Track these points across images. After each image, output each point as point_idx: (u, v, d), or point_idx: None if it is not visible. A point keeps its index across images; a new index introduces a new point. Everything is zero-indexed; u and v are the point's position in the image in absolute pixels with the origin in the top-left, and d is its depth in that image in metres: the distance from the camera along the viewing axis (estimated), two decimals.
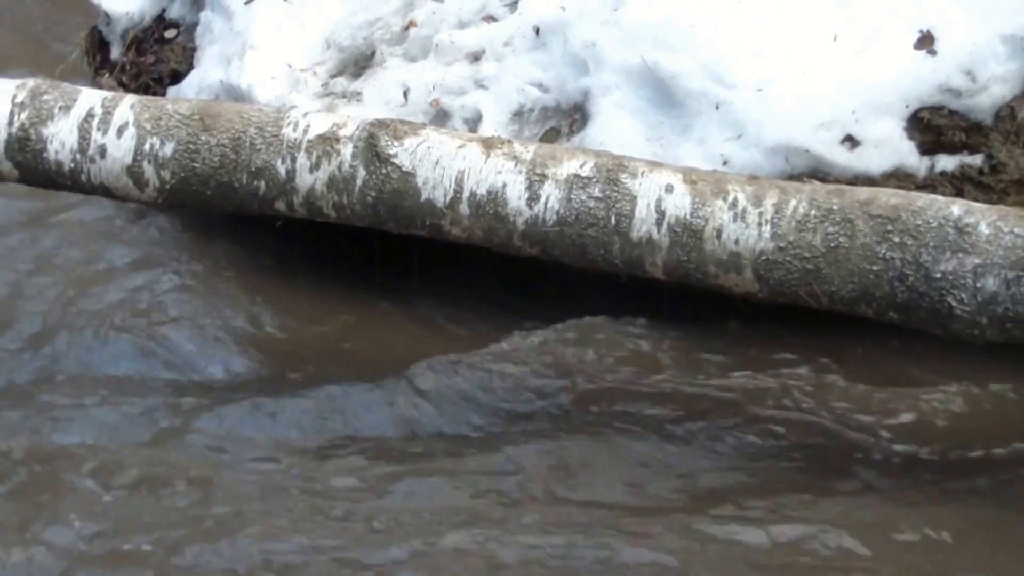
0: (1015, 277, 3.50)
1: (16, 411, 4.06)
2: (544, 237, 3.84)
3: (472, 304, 4.44)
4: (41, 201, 4.97)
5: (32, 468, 3.68)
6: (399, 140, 3.93)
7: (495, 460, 3.78)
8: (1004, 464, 3.80)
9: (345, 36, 4.97)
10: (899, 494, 3.67)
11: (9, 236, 4.97)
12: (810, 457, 3.82)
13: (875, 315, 3.66)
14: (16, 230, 4.99)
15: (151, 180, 4.06)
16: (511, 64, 4.63)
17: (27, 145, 4.09)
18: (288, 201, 4.00)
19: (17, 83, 4.17)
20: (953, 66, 4.26)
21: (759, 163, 4.24)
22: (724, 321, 4.27)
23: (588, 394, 4.07)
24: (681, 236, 3.73)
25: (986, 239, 3.53)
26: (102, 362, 4.35)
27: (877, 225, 3.60)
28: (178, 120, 4.05)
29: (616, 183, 3.79)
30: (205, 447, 3.89)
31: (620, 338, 4.23)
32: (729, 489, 3.68)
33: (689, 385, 4.09)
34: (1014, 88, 4.25)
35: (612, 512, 3.57)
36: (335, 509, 3.52)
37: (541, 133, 4.52)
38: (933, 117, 4.27)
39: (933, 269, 3.55)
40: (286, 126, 4.00)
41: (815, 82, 4.30)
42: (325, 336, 4.44)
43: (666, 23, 4.45)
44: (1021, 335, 3.55)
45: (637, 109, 4.43)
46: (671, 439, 3.87)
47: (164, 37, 5.45)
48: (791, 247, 3.66)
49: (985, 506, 3.65)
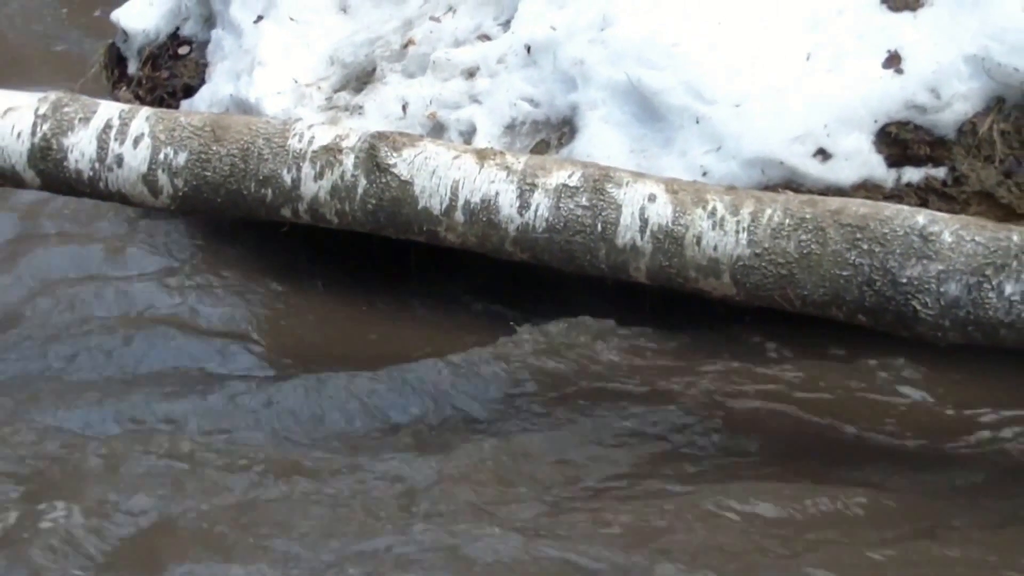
0: (976, 282, 3.50)
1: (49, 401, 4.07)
2: (534, 243, 3.83)
3: (467, 305, 4.44)
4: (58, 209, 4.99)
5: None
6: (398, 151, 3.92)
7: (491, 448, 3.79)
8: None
9: (348, 53, 4.97)
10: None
11: (40, 248, 4.97)
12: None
13: (845, 318, 3.65)
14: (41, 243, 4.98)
15: (165, 188, 4.05)
16: (504, 80, 4.63)
17: (49, 154, 4.08)
18: (293, 208, 3.99)
19: (40, 96, 4.16)
20: (919, 84, 4.26)
21: (737, 174, 4.23)
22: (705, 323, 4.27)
23: (574, 390, 4.06)
24: (663, 243, 3.73)
25: (949, 247, 3.53)
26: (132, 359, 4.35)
27: (847, 233, 3.60)
28: (191, 131, 4.04)
29: (602, 192, 3.78)
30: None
31: (604, 337, 4.23)
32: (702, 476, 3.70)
33: (664, 382, 4.10)
34: (976, 105, 4.24)
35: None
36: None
37: (532, 145, 4.52)
38: (900, 132, 4.27)
39: (899, 275, 3.55)
40: (292, 137, 3.99)
41: (789, 98, 4.29)
42: (328, 335, 4.43)
43: (650, 43, 4.45)
44: (981, 337, 3.55)
45: (622, 123, 4.42)
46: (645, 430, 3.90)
47: (178, 53, 5.45)
48: (766, 253, 3.65)
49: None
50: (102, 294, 4.62)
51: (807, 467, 3.73)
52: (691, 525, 3.42)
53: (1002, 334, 3.52)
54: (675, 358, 4.20)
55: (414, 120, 4.67)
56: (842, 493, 3.54)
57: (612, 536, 3.37)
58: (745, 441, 3.86)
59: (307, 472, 3.64)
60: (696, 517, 3.44)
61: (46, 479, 3.62)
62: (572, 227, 3.78)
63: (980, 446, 3.87)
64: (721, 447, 3.83)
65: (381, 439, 3.88)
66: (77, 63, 6.11)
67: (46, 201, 5.00)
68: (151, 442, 3.75)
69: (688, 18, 4.47)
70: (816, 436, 3.89)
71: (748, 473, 3.71)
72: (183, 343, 4.36)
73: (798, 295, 3.66)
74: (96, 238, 4.96)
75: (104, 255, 4.88)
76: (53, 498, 3.46)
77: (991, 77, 4.22)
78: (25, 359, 4.35)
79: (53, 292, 4.67)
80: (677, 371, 4.14)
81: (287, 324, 4.52)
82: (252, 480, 3.61)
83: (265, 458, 3.69)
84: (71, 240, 4.97)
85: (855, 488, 3.58)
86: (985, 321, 3.51)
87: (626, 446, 3.82)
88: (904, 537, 3.42)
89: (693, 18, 4.47)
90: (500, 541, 3.33)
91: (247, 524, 3.40)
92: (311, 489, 3.56)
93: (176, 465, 3.65)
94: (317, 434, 3.92)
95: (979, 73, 4.23)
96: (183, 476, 3.61)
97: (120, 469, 3.62)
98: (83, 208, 4.94)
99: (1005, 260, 3.49)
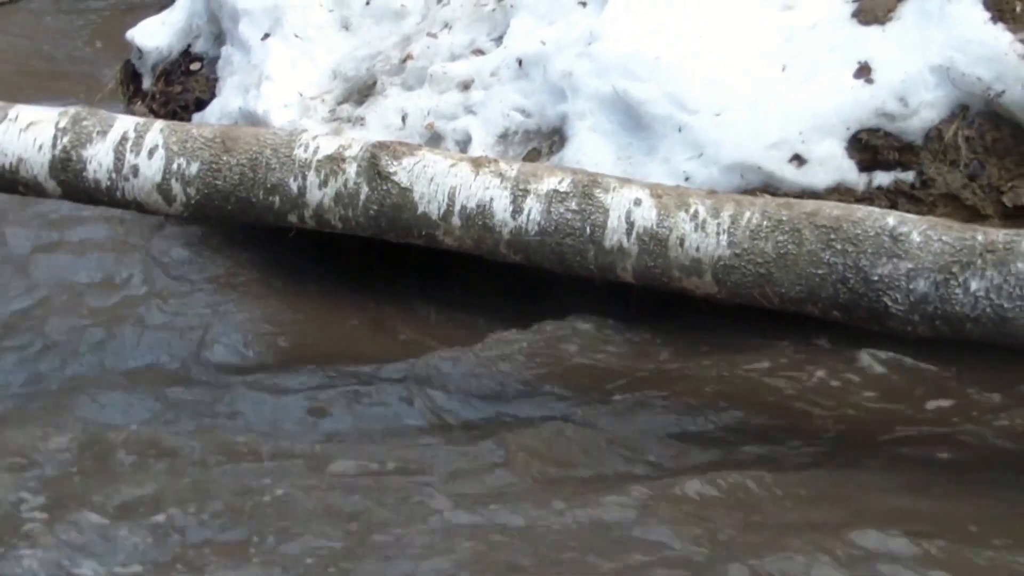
0: (943, 279, 3.49)
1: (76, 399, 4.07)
2: (527, 246, 3.82)
3: (463, 306, 4.43)
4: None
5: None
6: (398, 160, 3.91)
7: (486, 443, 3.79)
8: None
9: (350, 68, 4.96)
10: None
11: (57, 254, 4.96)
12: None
13: (820, 314, 3.65)
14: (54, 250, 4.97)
15: (178, 196, 4.04)
16: (497, 92, 4.63)
17: (69, 165, 4.07)
18: (299, 214, 3.98)
19: (60, 110, 4.14)
20: (888, 93, 4.26)
21: (717, 179, 4.23)
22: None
23: (564, 383, 4.06)
24: (648, 244, 3.72)
25: (918, 246, 3.52)
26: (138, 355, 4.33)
27: (821, 234, 3.59)
28: (202, 143, 4.03)
29: (591, 197, 3.77)
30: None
31: (590, 334, 4.22)
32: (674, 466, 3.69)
33: (641, 371, 4.12)
34: (941, 113, 4.24)
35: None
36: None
37: (524, 153, 4.51)
38: (870, 138, 4.26)
39: (871, 273, 3.54)
40: (298, 148, 3.98)
41: (766, 107, 4.29)
42: (332, 334, 4.42)
43: (634, 56, 4.45)
44: (948, 331, 3.54)
45: (609, 132, 4.42)
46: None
47: (190, 69, 5.44)
48: (746, 254, 3.64)
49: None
50: (117, 297, 4.61)
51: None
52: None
53: (968, 328, 3.52)
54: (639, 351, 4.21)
55: (413, 130, 4.67)
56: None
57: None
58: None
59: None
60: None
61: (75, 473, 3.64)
62: (562, 230, 3.77)
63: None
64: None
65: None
66: (95, 79, 6.10)
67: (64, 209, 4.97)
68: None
69: (670, 33, 4.47)
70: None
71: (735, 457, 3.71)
72: (199, 342, 4.34)
73: (776, 293, 3.65)
74: (112, 245, 4.94)
75: (122, 260, 4.86)
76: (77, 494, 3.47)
77: (955, 86, 4.22)
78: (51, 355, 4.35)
79: (69, 294, 4.66)
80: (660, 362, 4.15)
81: (296, 324, 4.50)
82: (287, 470, 3.62)
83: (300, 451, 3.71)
84: (88, 246, 4.95)
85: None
86: (952, 316, 3.50)
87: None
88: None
89: (675, 33, 4.47)
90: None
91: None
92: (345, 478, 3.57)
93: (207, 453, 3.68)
94: (325, 427, 3.93)
95: (944, 82, 4.23)
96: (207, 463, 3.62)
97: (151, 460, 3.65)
98: (102, 216, 4.91)
99: (970, 258, 3.48)
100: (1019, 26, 4.22)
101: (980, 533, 3.32)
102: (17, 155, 4.09)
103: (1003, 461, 3.71)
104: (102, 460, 3.68)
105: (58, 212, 5.04)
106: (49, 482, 3.53)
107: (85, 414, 3.98)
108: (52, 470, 3.60)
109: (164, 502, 3.40)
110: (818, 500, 3.46)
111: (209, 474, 3.59)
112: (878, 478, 3.59)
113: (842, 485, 3.55)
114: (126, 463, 3.63)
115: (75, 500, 3.41)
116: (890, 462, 3.69)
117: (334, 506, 3.39)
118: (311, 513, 3.37)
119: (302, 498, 3.42)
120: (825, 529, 3.27)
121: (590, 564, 3.17)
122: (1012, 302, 3.45)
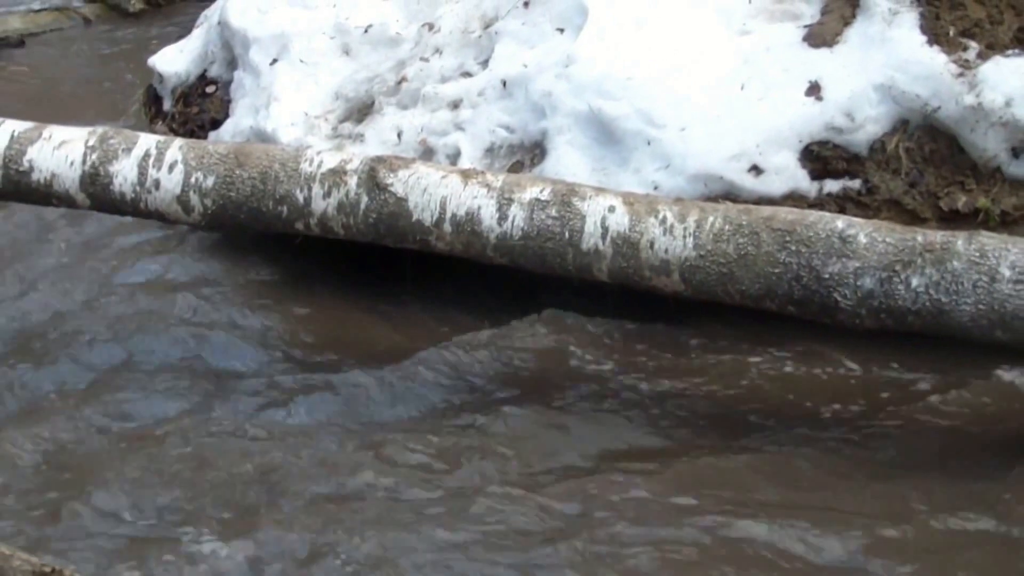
0: (887, 277, 3.49)
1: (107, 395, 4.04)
2: (512, 249, 3.81)
3: (455, 304, 4.41)
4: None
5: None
6: (394, 172, 3.90)
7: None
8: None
9: (350, 90, 4.95)
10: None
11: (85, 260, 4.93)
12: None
13: (777, 309, 3.64)
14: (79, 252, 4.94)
15: (196, 207, 4.02)
16: (483, 110, 4.61)
17: (97, 179, 4.06)
18: (305, 222, 3.97)
19: (89, 130, 4.15)
20: (836, 109, 4.25)
21: (683, 188, 4.22)
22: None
23: (547, 376, 4.05)
24: (622, 247, 3.71)
25: (864, 247, 3.52)
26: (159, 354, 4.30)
27: (778, 237, 3.59)
28: (217, 158, 4.01)
29: (569, 205, 3.76)
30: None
31: (569, 328, 4.21)
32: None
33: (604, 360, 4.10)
34: (884, 126, 4.24)
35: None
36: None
37: (508, 165, 4.50)
38: (821, 150, 4.25)
39: (822, 271, 3.54)
40: (303, 162, 3.97)
41: (727, 123, 4.28)
42: (337, 333, 4.39)
43: (607, 77, 4.44)
44: (893, 324, 3.55)
45: (585, 146, 4.41)
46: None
47: (206, 92, 5.42)
48: (710, 255, 3.64)
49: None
50: (143, 298, 4.58)
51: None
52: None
53: (909, 320, 3.52)
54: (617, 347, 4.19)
55: (407, 145, 4.65)
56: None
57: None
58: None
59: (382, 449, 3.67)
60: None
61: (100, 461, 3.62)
62: (544, 235, 3.76)
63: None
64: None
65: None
66: (121, 102, 6.08)
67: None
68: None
69: (640, 56, 4.46)
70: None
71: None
72: (213, 342, 4.31)
73: (737, 290, 3.64)
74: (137, 250, 4.91)
75: (145, 265, 4.83)
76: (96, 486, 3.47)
77: (896, 103, 4.22)
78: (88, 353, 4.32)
79: (109, 295, 4.63)
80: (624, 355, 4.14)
81: (305, 324, 4.47)
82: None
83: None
84: (120, 253, 4.92)
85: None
86: (895, 309, 3.50)
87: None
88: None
89: (644, 56, 4.46)
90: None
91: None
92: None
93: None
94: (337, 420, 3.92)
95: (886, 99, 4.23)
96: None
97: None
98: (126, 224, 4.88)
99: (911, 257, 3.48)
100: (953, 49, 4.22)
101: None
102: (51, 171, 4.08)
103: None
104: (142, 449, 3.69)
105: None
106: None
107: (121, 406, 3.96)
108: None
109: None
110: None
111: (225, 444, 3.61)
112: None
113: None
114: (170, 456, 3.65)
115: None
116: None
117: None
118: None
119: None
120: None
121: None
122: (949, 296, 3.45)
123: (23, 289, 4.64)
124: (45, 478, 3.59)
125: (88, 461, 3.65)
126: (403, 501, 3.43)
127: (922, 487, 3.45)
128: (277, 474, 3.55)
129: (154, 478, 3.55)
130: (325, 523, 3.33)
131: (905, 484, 3.47)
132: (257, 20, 5.23)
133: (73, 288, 4.64)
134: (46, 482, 3.56)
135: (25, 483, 3.57)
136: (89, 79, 6.71)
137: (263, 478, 3.53)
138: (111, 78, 6.63)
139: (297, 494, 3.48)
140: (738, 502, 3.40)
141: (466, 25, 4.91)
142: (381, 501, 3.44)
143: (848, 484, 3.49)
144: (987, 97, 4.09)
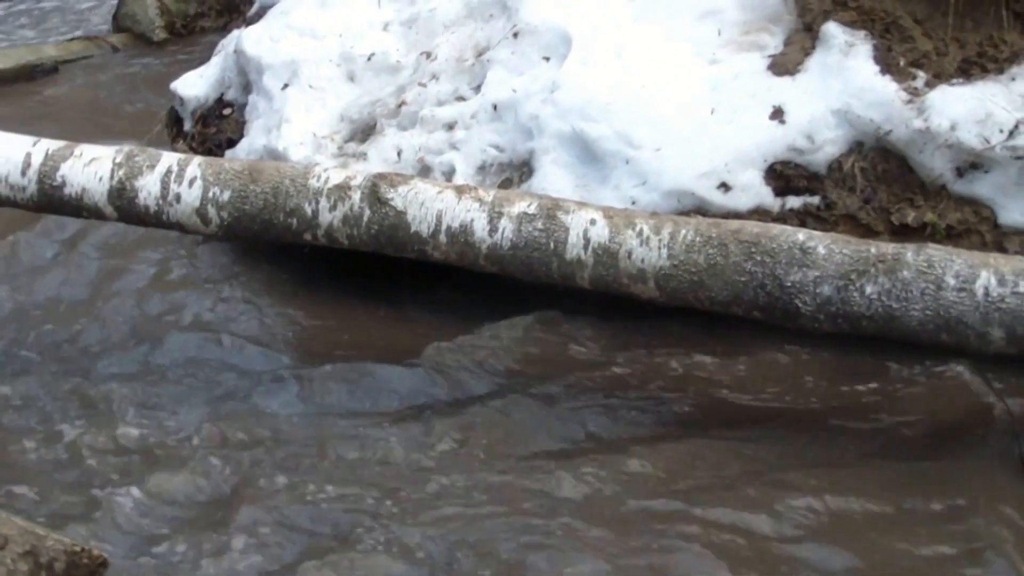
0: (844, 285, 3.49)
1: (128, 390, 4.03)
2: (501, 258, 3.80)
3: (449, 308, 4.39)
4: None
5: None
6: (394, 188, 3.89)
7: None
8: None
9: (355, 112, 4.94)
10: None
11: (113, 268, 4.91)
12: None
13: (743, 314, 3.63)
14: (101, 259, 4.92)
15: (213, 219, 4.01)
16: (476, 132, 4.60)
17: (123, 193, 4.04)
18: (313, 233, 3.96)
19: (116, 148, 4.13)
20: (797, 132, 4.25)
21: (658, 203, 4.21)
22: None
23: (534, 372, 4.03)
24: (602, 257, 3.70)
25: (823, 257, 3.52)
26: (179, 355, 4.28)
27: (744, 248, 3.58)
28: (233, 174, 4.00)
29: (554, 218, 3.75)
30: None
31: (555, 330, 4.19)
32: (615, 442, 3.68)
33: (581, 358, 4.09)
34: (841, 148, 4.24)
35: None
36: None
37: (499, 182, 4.49)
38: (784, 169, 4.25)
39: (785, 279, 3.53)
40: (312, 178, 3.96)
41: (698, 144, 4.28)
42: (341, 334, 4.38)
43: (589, 102, 4.43)
44: (848, 327, 3.55)
45: (569, 164, 4.40)
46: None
47: (223, 114, 5.41)
48: (682, 264, 3.63)
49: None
50: (157, 304, 4.56)
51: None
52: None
53: (864, 325, 3.51)
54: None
55: (407, 163, 4.64)
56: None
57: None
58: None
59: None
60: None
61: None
62: (531, 245, 3.76)
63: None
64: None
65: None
66: (145, 123, 6.06)
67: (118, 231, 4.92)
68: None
69: (619, 83, 4.46)
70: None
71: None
72: (227, 345, 4.29)
73: (707, 296, 3.64)
74: (155, 260, 4.90)
75: (164, 274, 4.81)
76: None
77: (852, 126, 4.22)
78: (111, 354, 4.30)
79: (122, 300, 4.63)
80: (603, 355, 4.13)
81: (313, 327, 4.46)
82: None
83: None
84: (136, 261, 4.91)
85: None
86: (851, 315, 3.50)
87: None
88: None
89: (623, 83, 4.45)
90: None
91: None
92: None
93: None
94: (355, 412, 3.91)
95: (843, 123, 4.23)
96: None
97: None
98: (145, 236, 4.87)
99: (866, 267, 3.48)
100: (903, 78, 4.23)
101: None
102: (81, 185, 4.06)
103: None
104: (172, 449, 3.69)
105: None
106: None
107: (155, 406, 3.94)
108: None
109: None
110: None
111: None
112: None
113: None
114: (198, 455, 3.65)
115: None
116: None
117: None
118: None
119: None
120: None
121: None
122: (899, 303, 3.45)
123: (49, 295, 4.67)
124: (71, 477, 3.57)
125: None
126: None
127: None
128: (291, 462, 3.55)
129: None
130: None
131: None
132: (270, 49, 5.21)
133: (95, 293, 4.63)
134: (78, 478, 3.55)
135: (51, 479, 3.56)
136: (117, 102, 6.70)
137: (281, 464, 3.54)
138: (136, 101, 6.63)
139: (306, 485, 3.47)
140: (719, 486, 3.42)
141: (460, 54, 4.90)
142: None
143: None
144: (934, 122, 4.09)
